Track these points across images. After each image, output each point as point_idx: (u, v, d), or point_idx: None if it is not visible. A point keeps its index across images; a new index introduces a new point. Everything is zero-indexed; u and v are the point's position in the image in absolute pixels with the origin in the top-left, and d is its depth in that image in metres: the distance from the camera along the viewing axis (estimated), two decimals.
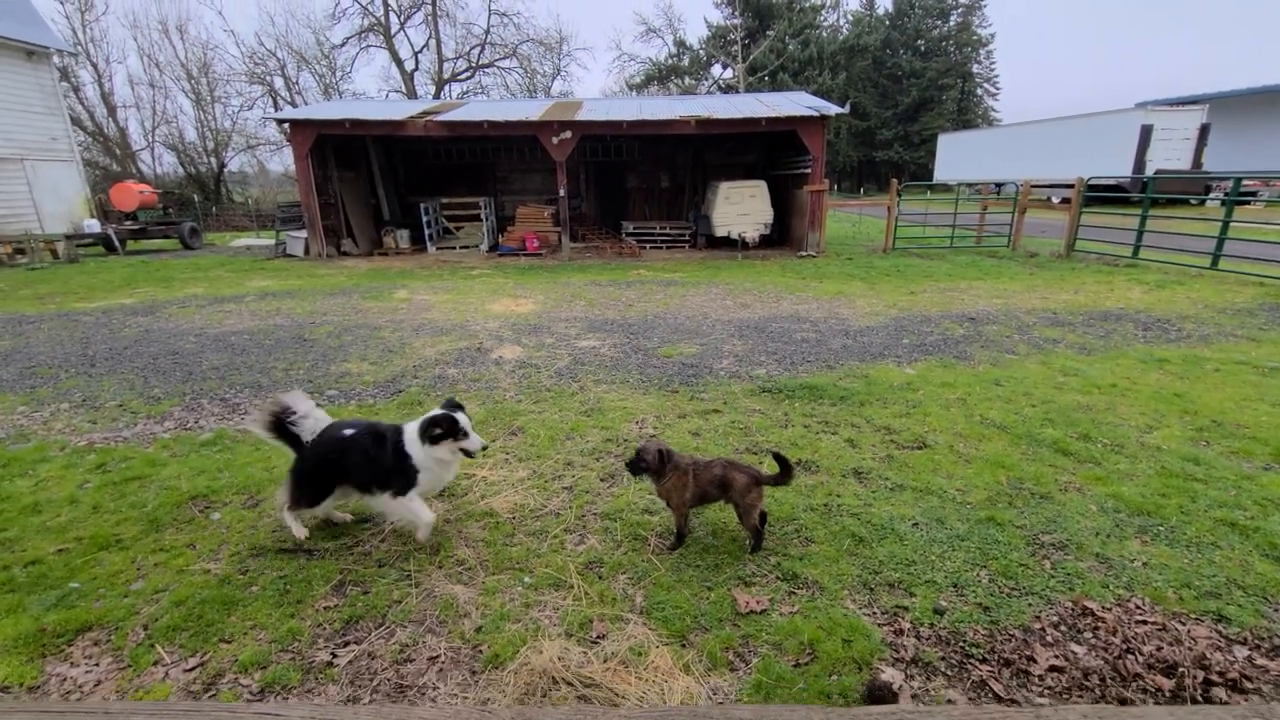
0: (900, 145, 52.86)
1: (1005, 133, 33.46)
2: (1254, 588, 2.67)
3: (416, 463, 3.00)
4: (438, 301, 9.46)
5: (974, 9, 53.07)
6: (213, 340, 7.27)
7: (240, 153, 36.37)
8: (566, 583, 2.81)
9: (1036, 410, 4.67)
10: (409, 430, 3.05)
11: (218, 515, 3.44)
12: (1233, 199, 11.03)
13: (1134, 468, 3.74)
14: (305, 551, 3.07)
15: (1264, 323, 7.18)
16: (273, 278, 12.20)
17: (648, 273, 12.22)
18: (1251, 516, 3.19)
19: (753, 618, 2.55)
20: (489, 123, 13.93)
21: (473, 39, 40.08)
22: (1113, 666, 2.27)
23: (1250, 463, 3.78)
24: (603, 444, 4.23)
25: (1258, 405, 4.68)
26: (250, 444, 4.35)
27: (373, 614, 2.64)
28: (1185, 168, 23.19)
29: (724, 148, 18.23)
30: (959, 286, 9.95)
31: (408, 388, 5.45)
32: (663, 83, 47.15)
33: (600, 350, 6.59)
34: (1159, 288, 9.34)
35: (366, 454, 3.04)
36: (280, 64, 36.92)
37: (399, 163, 18.81)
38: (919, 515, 3.27)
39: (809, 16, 44.89)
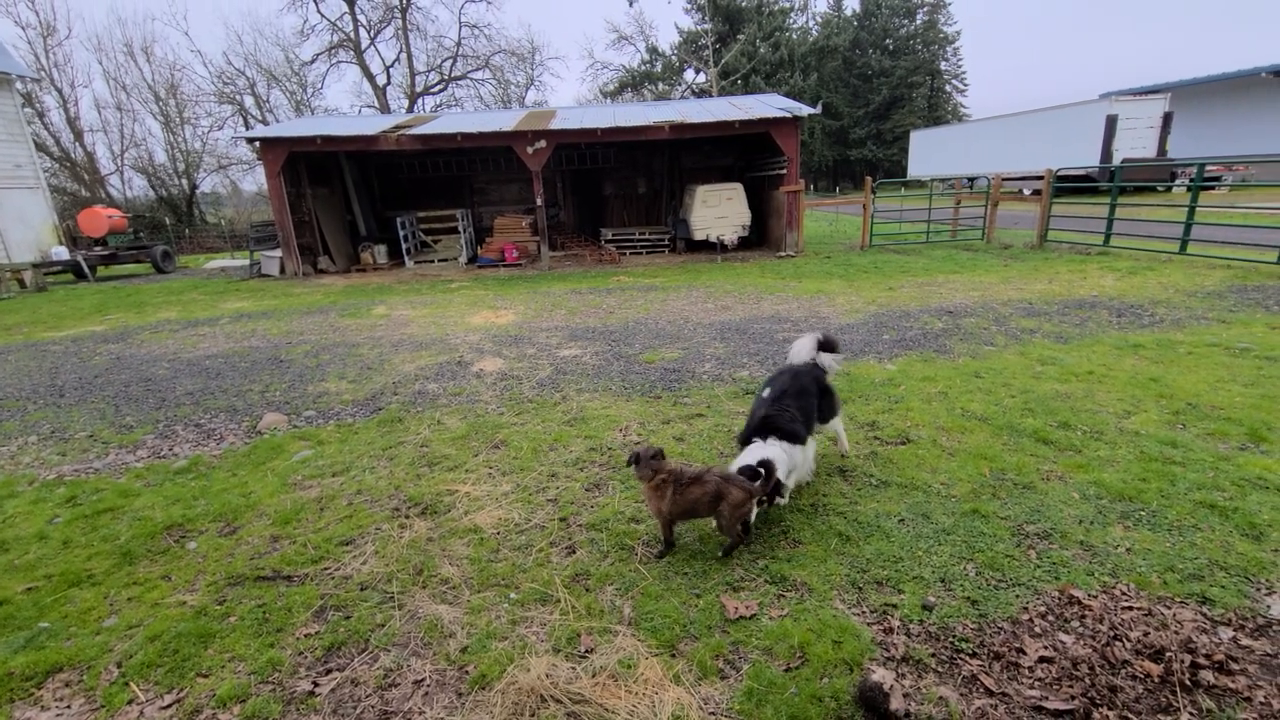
0: (874, 143, 53.49)
1: (975, 128, 34.00)
2: (1235, 568, 2.70)
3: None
4: (417, 316, 9.36)
5: (939, 7, 53.97)
6: (186, 365, 7.13)
7: (212, 173, 35.91)
8: (553, 597, 2.77)
9: (1016, 400, 4.71)
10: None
11: (194, 544, 3.35)
12: (1197, 185, 11.27)
13: (1114, 453, 3.78)
14: (284, 578, 3.00)
15: (1232, 305, 7.33)
16: (248, 299, 12.02)
17: (628, 279, 12.21)
18: (1230, 497, 3.23)
19: (742, 623, 2.52)
20: (462, 135, 13.86)
21: (444, 52, 40.04)
22: (1101, 654, 2.27)
23: (1226, 443, 3.83)
24: (587, 453, 4.19)
25: (1230, 386, 4.76)
26: (226, 469, 4.26)
27: (355, 639, 2.58)
28: (1151, 156, 23.68)
29: (700, 151, 18.31)
30: (936, 280, 10.05)
31: (387, 405, 5.38)
32: (636, 89, 47.31)
33: (582, 359, 6.55)
34: (1131, 274, 9.51)
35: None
36: (250, 83, 36.57)
37: (374, 178, 18.65)
38: (905, 511, 3.27)
39: (778, 19, 45.29)
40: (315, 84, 40.15)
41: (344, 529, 3.40)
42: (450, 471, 4.04)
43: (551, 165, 17.47)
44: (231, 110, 35.91)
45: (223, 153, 35.42)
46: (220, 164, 35.60)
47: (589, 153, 18.50)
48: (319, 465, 4.24)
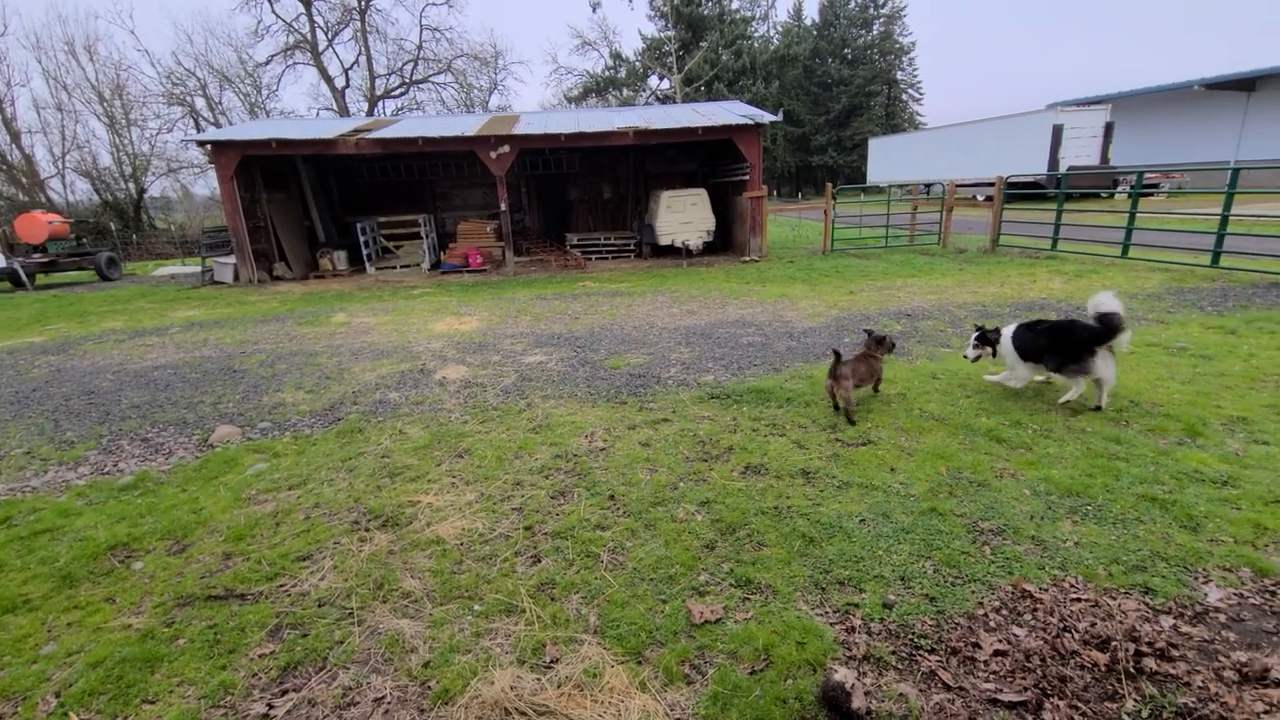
0: (834, 150, 54.67)
1: (931, 135, 35.04)
2: (1175, 558, 2.83)
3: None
4: (378, 324, 9.18)
5: (895, 19, 55.56)
6: (133, 376, 6.84)
7: (161, 177, 34.55)
8: (518, 607, 2.74)
9: (971, 401, 4.85)
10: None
11: (140, 564, 3.21)
12: (1137, 191, 11.83)
13: (1062, 450, 3.92)
14: (237, 597, 2.90)
15: (1170, 306, 7.70)
16: (199, 307, 11.62)
17: (594, 284, 12.20)
18: (1169, 490, 3.38)
19: (708, 628, 2.54)
20: (424, 139, 13.68)
21: (405, 55, 39.43)
22: (1052, 646, 2.35)
23: (1165, 439, 4.02)
24: (552, 460, 4.17)
25: (1169, 384, 4.99)
26: (176, 485, 4.10)
27: (313, 658, 2.50)
28: (1094, 163, 24.76)
29: (664, 157, 18.43)
30: (895, 284, 10.30)
31: (347, 415, 5.25)
32: (601, 95, 47.40)
33: (547, 365, 6.51)
34: (1077, 277, 9.90)
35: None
36: (201, 84, 35.40)
37: (333, 182, 18.26)
38: (866, 511, 3.33)
39: (740, 28, 45.97)
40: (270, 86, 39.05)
41: (301, 544, 3.31)
42: (412, 482, 3.97)
43: (516, 170, 17.37)
44: (182, 112, 34.72)
45: (172, 156, 34.17)
46: (170, 167, 34.32)
47: (554, 158, 18.45)
48: (274, 479, 4.11)
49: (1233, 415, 4.31)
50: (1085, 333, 4.42)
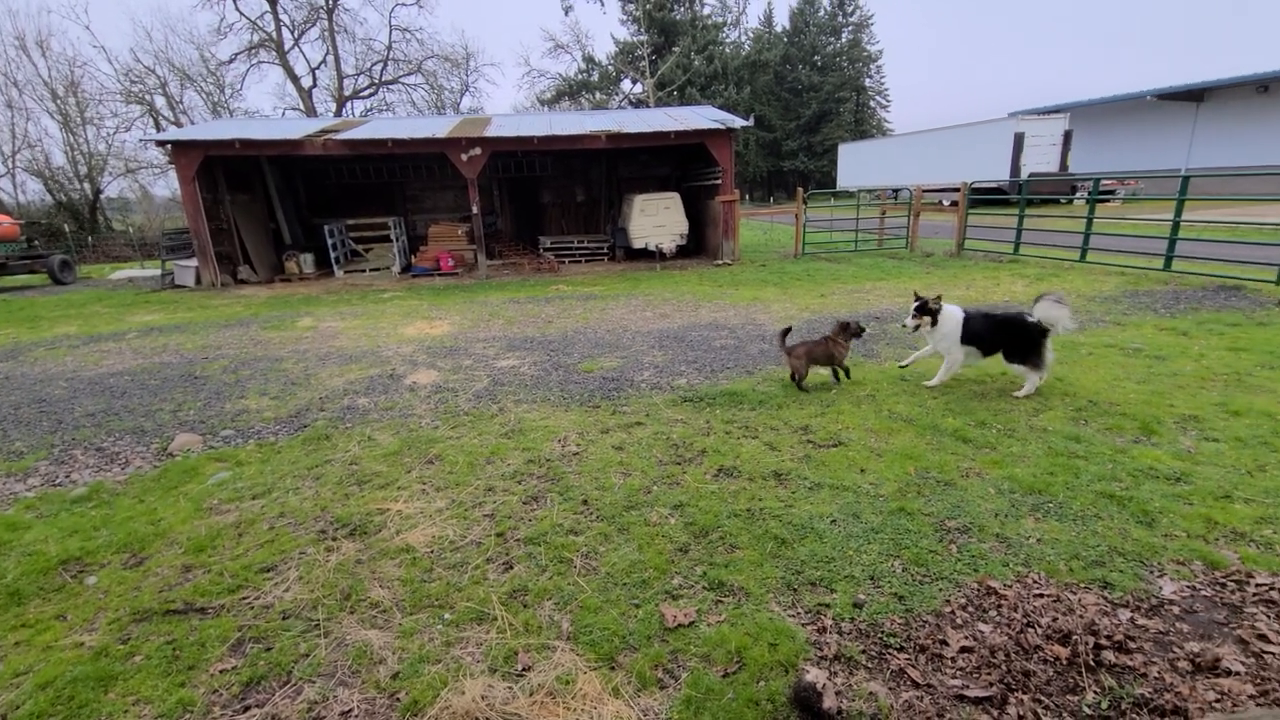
0: (805, 155, 55.48)
1: (898, 142, 35.78)
2: (1132, 553, 2.92)
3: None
4: (346, 328, 9.01)
5: (862, 27, 56.66)
6: (87, 384, 6.60)
7: (119, 177, 33.43)
8: (490, 615, 2.70)
9: (938, 402, 4.95)
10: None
11: (93, 579, 3.09)
12: (1094, 197, 12.22)
13: (1025, 449, 4.03)
14: (198, 610, 2.81)
15: (1126, 308, 7.97)
16: (159, 311, 11.26)
17: (567, 287, 12.15)
18: (1126, 487, 3.49)
19: (681, 631, 2.54)
20: (394, 141, 13.49)
21: (374, 55, 38.83)
22: (1016, 641, 2.41)
23: (1122, 437, 4.15)
24: (525, 466, 4.13)
25: (1125, 384, 5.16)
26: (133, 496, 3.96)
27: (277, 672, 2.44)
28: (1054, 171, 25.54)
29: (637, 161, 18.47)
30: (865, 287, 10.48)
31: (313, 421, 5.14)
32: (574, 98, 47.32)
33: (520, 369, 6.46)
34: (1038, 280, 10.19)
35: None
36: (161, 82, 34.33)
37: (299, 184, 17.89)
38: (836, 512, 3.37)
39: (712, 33, 46.33)
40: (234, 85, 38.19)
41: (265, 555, 3.22)
42: (381, 489, 3.90)
43: (488, 173, 17.23)
44: (140, 111, 33.61)
45: (131, 155, 33.11)
46: (128, 167, 33.24)
47: (526, 160, 18.36)
48: (237, 488, 4.00)
49: (1185, 414, 4.47)
50: (1036, 327, 4.76)
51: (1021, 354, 4.88)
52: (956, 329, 5.03)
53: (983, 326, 5.00)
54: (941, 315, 5.07)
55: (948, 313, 5.09)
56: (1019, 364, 4.93)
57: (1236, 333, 6.52)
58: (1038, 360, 4.83)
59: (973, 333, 5.01)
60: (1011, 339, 4.92)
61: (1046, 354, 4.82)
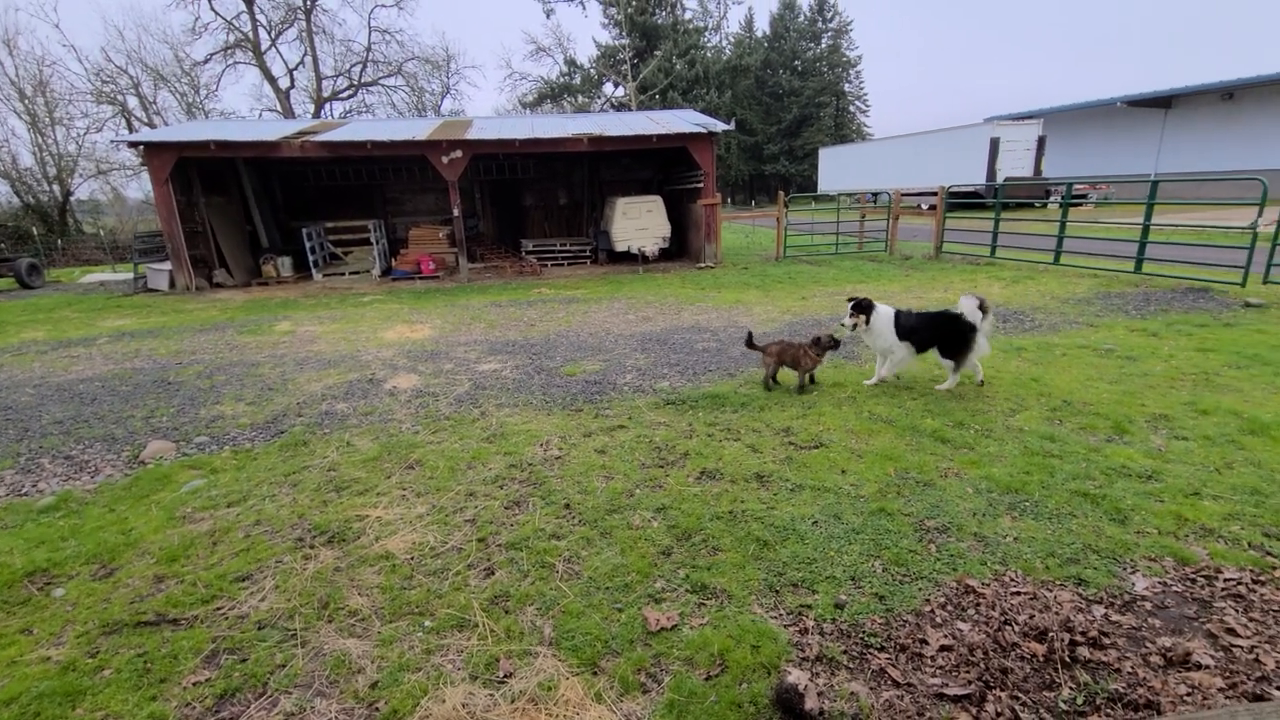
0: (786, 159, 55.93)
1: (877, 146, 36.23)
2: (1105, 550, 2.98)
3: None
4: (325, 332, 8.89)
5: (842, 33, 57.33)
6: (56, 390, 6.43)
7: (90, 179, 32.64)
8: (471, 622, 2.68)
9: (917, 403, 5.01)
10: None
11: (61, 591, 3.01)
12: (1067, 202, 12.48)
13: (1002, 449, 4.09)
14: (170, 622, 2.75)
15: (1099, 310, 8.13)
16: (131, 316, 11.02)
17: (549, 291, 12.12)
18: (1099, 485, 3.56)
19: (664, 635, 2.53)
20: (373, 143, 13.36)
21: (353, 56, 38.46)
22: (994, 639, 2.44)
23: (1095, 436, 4.23)
24: (506, 470, 4.10)
25: (1098, 384, 5.26)
26: (103, 505, 3.86)
27: (252, 684, 2.39)
28: (1029, 175, 26.02)
29: (620, 164, 18.48)
30: (845, 290, 10.57)
31: (291, 427, 5.06)
32: (556, 101, 47.25)
33: (502, 373, 6.42)
34: (1014, 283, 10.37)
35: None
36: (134, 82, 33.63)
37: (276, 186, 17.62)
38: (818, 513, 3.39)
39: (693, 38, 46.56)
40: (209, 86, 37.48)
41: (240, 563, 3.16)
42: (360, 496, 3.85)
43: (469, 175, 17.14)
44: (112, 111, 32.90)
45: (102, 157, 32.31)
46: (100, 169, 32.46)
47: (509, 163, 18.28)
48: (212, 495, 3.92)
49: (1156, 413, 4.57)
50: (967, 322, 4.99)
51: (954, 348, 5.09)
52: (889, 326, 5.20)
53: (915, 323, 5.18)
54: (875, 313, 5.23)
55: (879, 311, 5.25)
56: (951, 358, 5.15)
57: (1204, 334, 6.69)
58: (968, 353, 5.06)
59: (906, 329, 5.17)
60: (945, 335, 5.11)
61: (976, 348, 5.05)
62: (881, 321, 5.22)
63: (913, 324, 5.17)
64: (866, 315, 5.24)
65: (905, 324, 5.18)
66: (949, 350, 5.13)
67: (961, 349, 5.05)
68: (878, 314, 5.23)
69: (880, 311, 5.24)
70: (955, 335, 5.04)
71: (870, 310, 5.24)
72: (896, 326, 5.19)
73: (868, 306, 5.25)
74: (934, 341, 5.19)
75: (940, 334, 5.12)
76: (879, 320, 5.23)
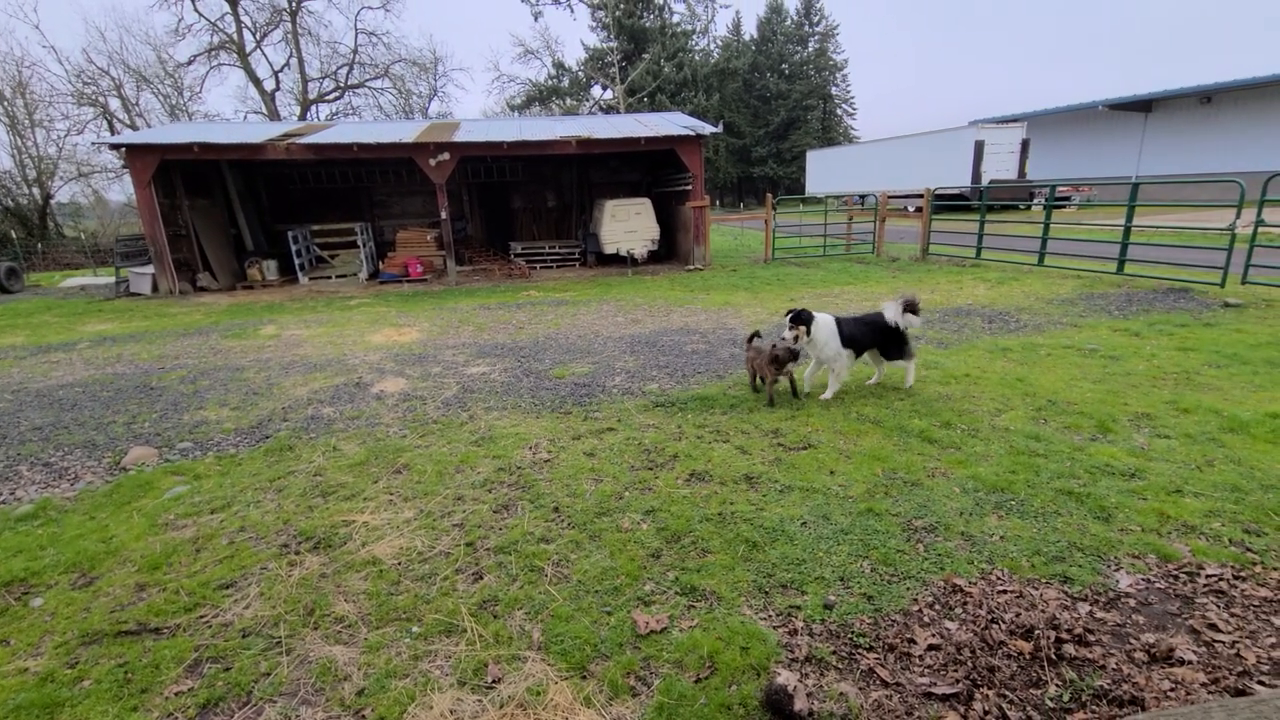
0: (774, 161, 56.22)
1: (864, 149, 36.51)
2: (1090, 548, 3.00)
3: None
4: (311, 336, 8.81)
5: (828, 36, 57.77)
6: (35, 396, 6.32)
7: (70, 182, 32.19)
8: (459, 627, 2.65)
9: (905, 403, 5.04)
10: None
11: (39, 601, 2.95)
12: (1051, 204, 12.64)
13: (988, 449, 4.12)
14: (151, 631, 2.70)
15: (1082, 311, 8.23)
16: (113, 320, 10.87)
17: (538, 293, 12.09)
18: (1084, 484, 3.59)
19: (653, 638, 2.53)
20: (359, 145, 13.28)
21: (339, 58, 38.23)
22: (981, 637, 2.45)
23: (1080, 435, 4.28)
24: (495, 474, 4.08)
25: (1082, 384, 5.33)
26: (83, 513, 3.80)
27: (236, 693, 2.35)
28: (1013, 177, 26.35)
29: (608, 166, 18.49)
30: (833, 291, 10.64)
31: (276, 432, 5.00)
32: (544, 103, 47.21)
33: (491, 376, 6.39)
34: (999, 284, 10.47)
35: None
36: (116, 83, 33.23)
37: (261, 189, 17.46)
38: (807, 514, 3.40)
39: (681, 41, 46.72)
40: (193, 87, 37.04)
41: (224, 571, 3.12)
42: (347, 501, 3.81)
43: (457, 178, 17.07)
44: (94, 113, 32.49)
45: (83, 159, 31.89)
46: (81, 171, 32.03)
47: (497, 166, 18.24)
48: (195, 502, 3.87)
49: (1138, 412, 4.63)
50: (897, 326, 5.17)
51: (897, 349, 5.25)
52: (833, 334, 5.09)
53: (856, 329, 5.16)
54: (815, 323, 5.09)
55: (820, 320, 5.12)
56: (898, 359, 5.30)
57: (1185, 333, 6.79)
58: (909, 351, 5.29)
59: (848, 336, 5.12)
60: (886, 338, 5.23)
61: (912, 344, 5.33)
62: (824, 331, 5.08)
63: (853, 331, 5.14)
64: (806, 326, 5.07)
65: (847, 331, 5.13)
66: (891, 352, 5.26)
67: (903, 347, 5.24)
68: (818, 324, 5.09)
69: (820, 321, 5.11)
70: (896, 336, 5.19)
71: (809, 321, 5.09)
72: (841, 334, 5.10)
73: (807, 318, 5.09)
74: (876, 345, 5.27)
75: (882, 337, 5.23)
76: (820, 330, 5.08)
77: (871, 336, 5.23)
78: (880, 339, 5.24)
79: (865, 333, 5.20)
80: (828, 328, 5.10)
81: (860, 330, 5.19)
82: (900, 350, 5.27)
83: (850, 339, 5.14)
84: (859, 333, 5.18)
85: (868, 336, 5.22)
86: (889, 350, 5.28)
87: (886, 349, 5.28)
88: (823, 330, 5.09)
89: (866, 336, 5.21)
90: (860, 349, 5.25)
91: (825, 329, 5.10)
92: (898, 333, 5.18)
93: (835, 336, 5.09)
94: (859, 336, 5.18)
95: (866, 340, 5.23)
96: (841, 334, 5.10)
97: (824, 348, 5.12)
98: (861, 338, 5.19)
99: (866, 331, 5.21)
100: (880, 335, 5.22)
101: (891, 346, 5.26)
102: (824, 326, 5.10)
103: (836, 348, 5.09)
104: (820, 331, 5.09)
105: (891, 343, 5.24)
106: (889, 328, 5.18)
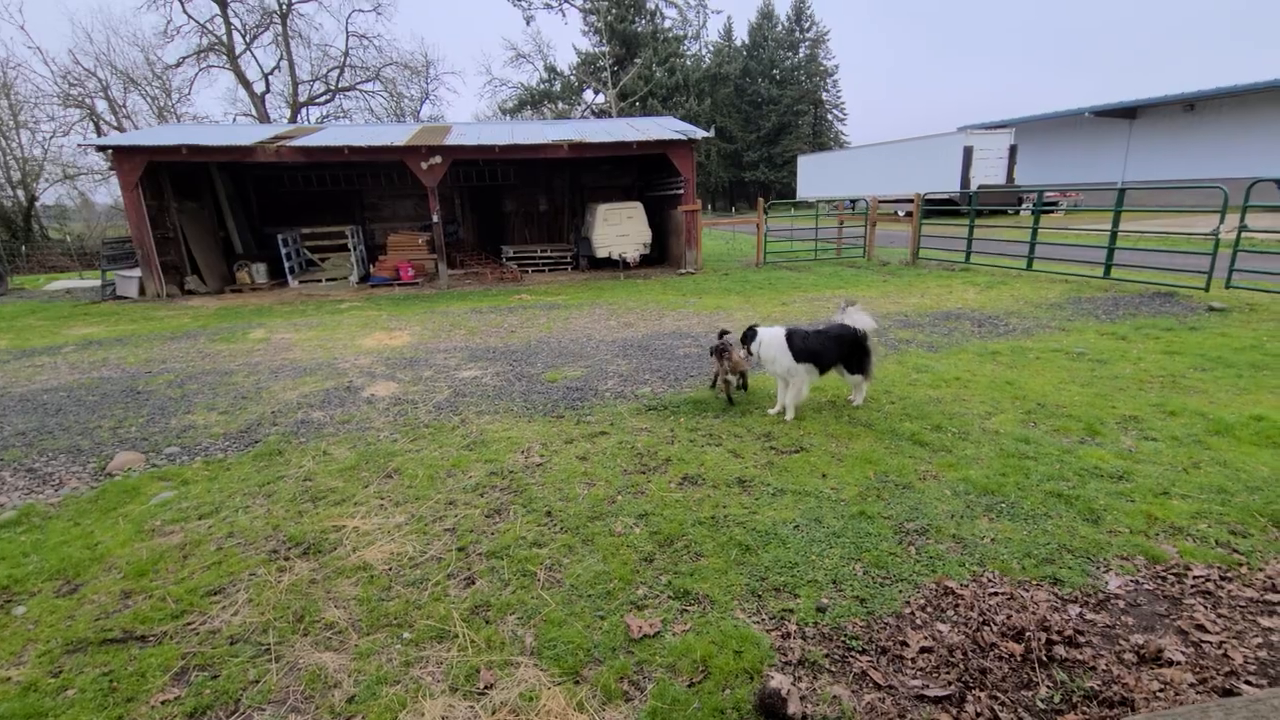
0: (765, 166, 56.49)
1: (855, 154, 36.73)
2: (1080, 550, 3.03)
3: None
4: (301, 340, 8.74)
5: (819, 42, 58.20)
6: (18, 401, 6.24)
7: (56, 184, 31.85)
8: (451, 632, 2.63)
9: (896, 406, 5.07)
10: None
11: (22, 609, 2.91)
12: (1039, 209, 12.77)
13: (979, 452, 4.15)
14: (137, 638, 2.66)
15: (1070, 314, 8.31)
16: (99, 324, 10.75)
17: (530, 297, 12.07)
18: (1073, 486, 3.62)
19: (646, 642, 2.52)
20: (350, 148, 13.22)
21: (330, 61, 38.06)
22: (972, 639, 2.46)
23: (1069, 438, 4.31)
24: (487, 478, 4.06)
25: (1070, 387, 5.37)
26: (67, 519, 3.74)
27: (224, 701, 2.32)
28: (1001, 183, 26.57)
29: (600, 170, 18.50)
30: (824, 295, 10.68)
31: (265, 437, 4.96)
32: (536, 107, 47.23)
33: (482, 380, 6.37)
34: (989, 288, 10.56)
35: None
36: (103, 85, 32.88)
37: (251, 191, 17.34)
38: (799, 517, 3.41)
39: (673, 45, 46.89)
40: (182, 89, 36.77)
41: (212, 577, 3.08)
42: (337, 506, 3.78)
43: (449, 181, 17.02)
44: (80, 114, 32.13)
45: (69, 161, 31.55)
46: (66, 173, 31.68)
47: (488, 169, 18.20)
48: (183, 508, 3.83)
49: (1126, 414, 4.68)
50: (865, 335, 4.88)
51: (859, 363, 4.93)
52: (784, 349, 4.72)
53: (813, 343, 4.75)
54: (759, 340, 4.81)
55: (766, 337, 4.81)
56: (859, 373, 4.99)
57: (1170, 337, 6.87)
58: (869, 368, 4.99)
59: (804, 350, 4.72)
60: (850, 349, 4.88)
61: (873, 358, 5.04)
62: (774, 347, 4.75)
63: (811, 345, 4.74)
64: (747, 345, 4.84)
65: (805, 345, 4.73)
66: (853, 364, 4.94)
67: (865, 361, 4.92)
68: (762, 339, 4.79)
69: (765, 336, 4.80)
70: (859, 349, 4.87)
71: (751, 339, 4.82)
72: (792, 347, 4.72)
73: (749, 336, 4.83)
74: (840, 359, 4.90)
75: (846, 350, 4.87)
76: (767, 346, 4.76)
77: (836, 349, 4.82)
78: (845, 351, 4.86)
79: (827, 345, 4.78)
80: (776, 343, 4.73)
81: (819, 343, 4.76)
82: (861, 365, 4.91)
83: (807, 353, 4.72)
84: (818, 345, 4.75)
85: (831, 349, 4.80)
86: (850, 362, 4.92)
87: (849, 361, 4.92)
88: (771, 346, 4.75)
89: (829, 349, 4.80)
90: (823, 363, 4.84)
91: (773, 344, 4.73)
92: (862, 345, 4.86)
93: (785, 352, 4.71)
94: (818, 349, 4.75)
95: (830, 354, 4.81)
96: (793, 348, 4.71)
97: (773, 364, 4.78)
98: (823, 351, 4.77)
99: (827, 344, 4.78)
100: (845, 347, 4.84)
101: (853, 359, 4.90)
102: (771, 342, 4.74)
103: (788, 363, 4.72)
104: (768, 348, 4.76)
105: (853, 355, 4.89)
106: (854, 338, 4.83)
